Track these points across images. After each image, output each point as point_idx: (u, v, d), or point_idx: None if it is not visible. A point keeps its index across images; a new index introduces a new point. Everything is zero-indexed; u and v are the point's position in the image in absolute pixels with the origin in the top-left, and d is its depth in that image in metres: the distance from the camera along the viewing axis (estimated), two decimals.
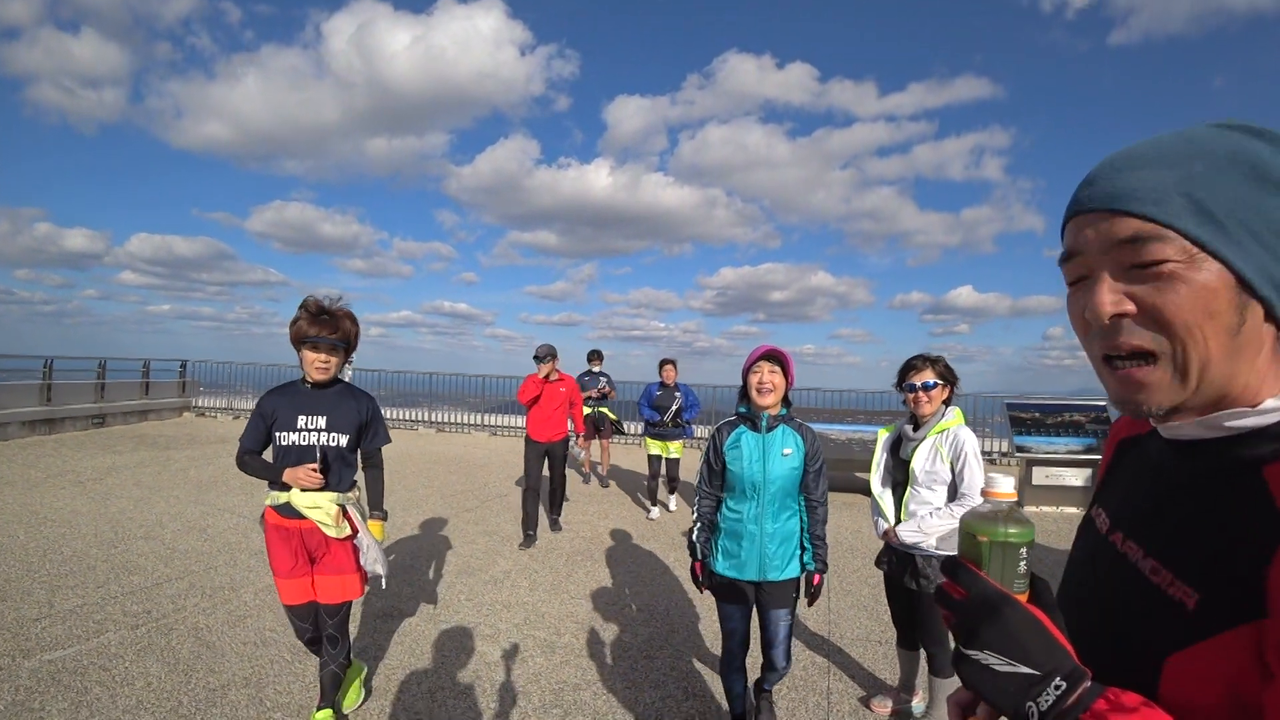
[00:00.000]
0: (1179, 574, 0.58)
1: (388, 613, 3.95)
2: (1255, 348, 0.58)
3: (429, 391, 14.10)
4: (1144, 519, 0.67)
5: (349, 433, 2.62)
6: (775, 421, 2.59)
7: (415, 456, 9.79)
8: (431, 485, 7.71)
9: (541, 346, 5.72)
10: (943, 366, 2.73)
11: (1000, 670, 0.59)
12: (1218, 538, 0.57)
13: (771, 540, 2.55)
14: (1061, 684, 0.56)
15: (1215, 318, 0.56)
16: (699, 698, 3.12)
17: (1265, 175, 0.56)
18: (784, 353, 2.57)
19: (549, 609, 4.12)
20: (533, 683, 3.19)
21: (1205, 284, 0.56)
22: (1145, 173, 0.59)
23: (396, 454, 9.89)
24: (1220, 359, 0.57)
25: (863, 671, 3.43)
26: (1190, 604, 0.56)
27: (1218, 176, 0.57)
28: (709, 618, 4.05)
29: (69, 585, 4.13)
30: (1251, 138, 0.58)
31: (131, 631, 3.53)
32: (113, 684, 2.99)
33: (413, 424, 13.47)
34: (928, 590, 2.68)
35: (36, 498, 6.30)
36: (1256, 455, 0.57)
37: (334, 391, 2.64)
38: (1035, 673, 0.57)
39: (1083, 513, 5.85)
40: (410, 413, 13.73)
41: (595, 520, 6.44)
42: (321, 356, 2.53)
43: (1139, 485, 0.71)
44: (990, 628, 0.61)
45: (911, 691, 3.04)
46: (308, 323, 2.50)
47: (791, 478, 2.56)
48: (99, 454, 8.82)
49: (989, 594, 0.62)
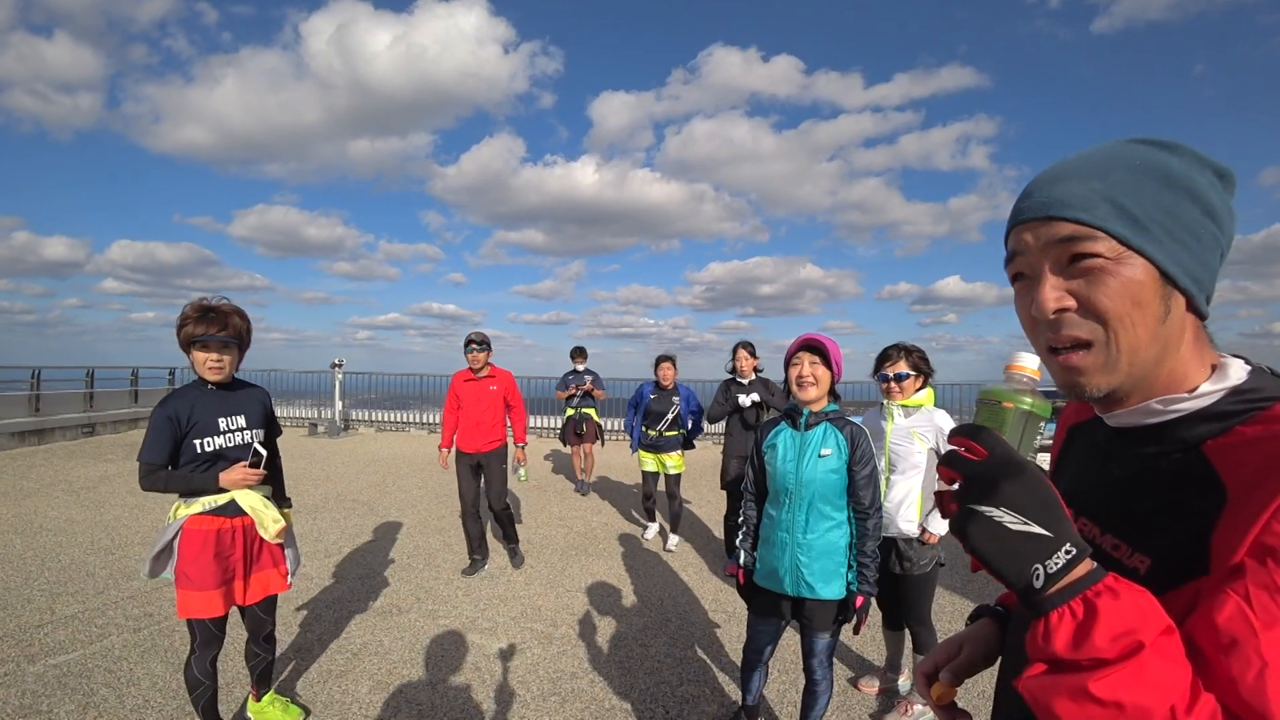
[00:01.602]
0: (1134, 546, 0.67)
1: (387, 610, 4.02)
2: (1179, 335, 0.67)
3: (419, 394, 14.11)
4: (1097, 500, 0.75)
5: (263, 427, 2.62)
6: (816, 418, 2.35)
7: (409, 458, 9.82)
8: (426, 486, 7.76)
9: (474, 333, 4.74)
10: (917, 358, 2.80)
11: (1013, 528, 0.60)
12: (1166, 511, 0.65)
13: (805, 552, 2.30)
14: (1072, 549, 0.58)
15: (1143, 307, 0.64)
16: (694, 683, 3.21)
17: (1175, 182, 0.65)
18: (825, 341, 2.34)
19: (545, 602, 4.21)
20: (531, 673, 3.28)
21: (1132, 277, 0.64)
22: (1074, 183, 0.67)
23: (391, 456, 9.93)
24: (1148, 344, 0.65)
25: (850, 653, 3.54)
26: (1142, 569, 0.65)
27: (1137, 184, 0.66)
28: (703, 605, 4.15)
29: (69, 591, 4.17)
30: (1161, 150, 0.67)
31: (134, 634, 3.58)
32: (119, 685, 3.05)
33: (404, 426, 13.49)
34: (911, 572, 2.79)
35: (31, 507, 6.31)
36: (1196, 435, 0.65)
37: (238, 389, 2.60)
38: (1048, 534, 0.58)
39: None
40: (402, 415, 13.75)
41: (589, 515, 6.52)
42: (214, 356, 2.44)
43: (1089, 468, 0.79)
44: (1012, 484, 0.61)
45: (898, 670, 3.15)
46: (194, 323, 2.40)
47: (829, 482, 2.29)
48: (91, 463, 8.80)
49: (1013, 455, 0.64)
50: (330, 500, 6.93)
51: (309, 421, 13.19)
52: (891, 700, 3.06)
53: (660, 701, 3.04)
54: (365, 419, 13.86)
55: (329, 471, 8.62)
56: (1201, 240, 0.65)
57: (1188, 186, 0.65)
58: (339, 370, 12.88)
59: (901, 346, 2.82)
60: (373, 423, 13.75)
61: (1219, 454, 0.63)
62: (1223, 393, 0.66)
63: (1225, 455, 0.62)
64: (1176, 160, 0.66)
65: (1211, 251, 0.66)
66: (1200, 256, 0.65)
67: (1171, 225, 0.64)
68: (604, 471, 8.77)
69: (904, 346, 2.82)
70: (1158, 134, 0.68)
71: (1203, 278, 0.66)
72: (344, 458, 9.82)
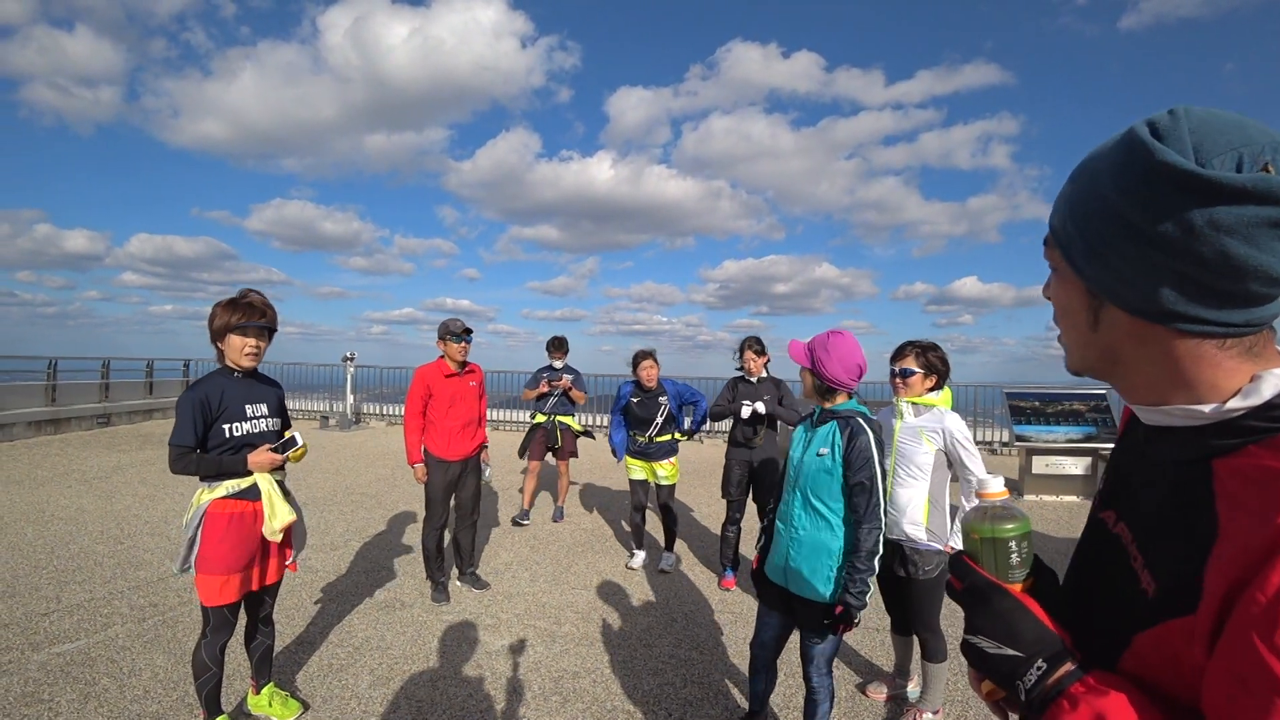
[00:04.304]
0: (1147, 562, 0.62)
1: (391, 604, 4.00)
2: (1136, 344, 0.62)
3: None
4: (1130, 502, 0.70)
5: (281, 416, 2.76)
6: (827, 416, 2.35)
7: None
8: None
9: (454, 321, 4.12)
10: (931, 356, 2.71)
11: (991, 652, 0.68)
12: (1174, 532, 0.60)
13: (795, 546, 2.32)
14: (1043, 665, 0.64)
15: (1069, 315, 0.68)
16: (697, 684, 3.16)
17: (1108, 202, 0.59)
18: (803, 346, 2.37)
19: (549, 599, 4.17)
20: (533, 671, 3.24)
21: (1061, 285, 0.68)
22: (1068, 184, 0.66)
23: (401, 451, 9.93)
24: (1082, 347, 0.68)
25: (859, 658, 3.46)
26: (1150, 592, 0.60)
27: (1087, 193, 0.62)
28: (709, 606, 4.09)
29: (77, 580, 4.19)
30: (1126, 152, 0.57)
31: (138, 624, 3.58)
32: (120, 675, 3.05)
33: None
34: (916, 577, 2.71)
35: (44, 496, 6.37)
36: (1208, 449, 0.59)
37: (260, 380, 2.71)
38: (1020, 655, 0.66)
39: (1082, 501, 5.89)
40: None
41: (595, 512, 6.48)
42: (251, 342, 2.56)
43: (1128, 463, 0.74)
44: (981, 614, 0.70)
45: (906, 676, 3.07)
46: (236, 311, 2.53)
47: (819, 480, 2.29)
48: (104, 453, 8.89)
49: (979, 584, 0.72)
50: (339, 493, 6.94)
51: (320, 414, 13.26)
52: (900, 707, 2.98)
53: (663, 703, 2.98)
54: (376, 413, 13.92)
55: (338, 465, 8.65)
56: (1133, 262, 0.58)
57: (1120, 212, 0.58)
58: (351, 364, 12.94)
59: (916, 344, 2.74)
60: (384, 416, 13.80)
61: (1224, 477, 0.57)
62: (1250, 406, 0.57)
63: (1229, 480, 0.56)
64: (1130, 170, 0.57)
65: (1152, 273, 0.57)
66: (1129, 278, 0.59)
67: (1096, 243, 0.61)
68: (607, 464, 8.72)
69: (918, 344, 2.74)
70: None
71: (1135, 297, 0.60)
72: (354, 451, 9.85)
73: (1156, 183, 0.54)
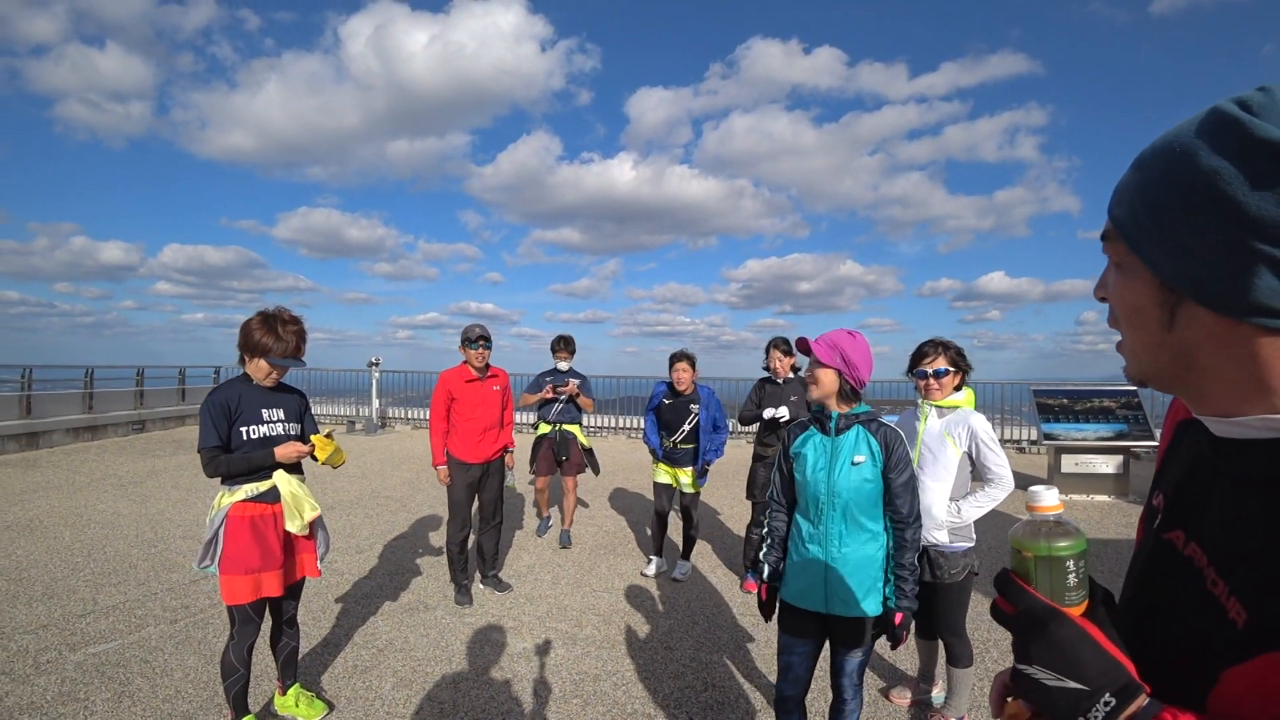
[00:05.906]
0: (1233, 589, 0.56)
1: (414, 606, 4.05)
2: (1217, 347, 0.56)
3: None
4: (1202, 521, 0.64)
5: (299, 422, 2.83)
6: (848, 422, 2.17)
7: None
8: None
9: (472, 328, 4.22)
10: (954, 353, 2.68)
11: (1050, 685, 0.60)
12: (1263, 555, 0.54)
13: (840, 566, 2.12)
14: (1111, 700, 0.56)
15: (1140, 313, 0.61)
16: (718, 688, 3.14)
17: (1193, 182, 0.54)
18: (820, 342, 2.19)
19: (571, 602, 4.18)
20: (554, 674, 3.25)
21: (1130, 282, 0.61)
22: (1130, 172, 0.62)
23: (425, 454, 10.05)
24: (1152, 350, 0.61)
25: (882, 662, 3.42)
26: (1240, 622, 0.54)
27: (1161, 179, 0.56)
28: (731, 609, 4.07)
29: (112, 583, 4.31)
30: (1213, 132, 0.54)
31: (171, 626, 3.67)
32: (153, 675, 3.13)
33: None
34: (942, 580, 2.67)
35: (81, 501, 6.57)
36: None
37: (280, 390, 2.80)
38: (1085, 688, 0.58)
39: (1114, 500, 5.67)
40: None
41: (617, 514, 6.49)
42: (275, 374, 2.70)
43: (1194, 477, 0.68)
44: (1038, 643, 0.62)
45: (931, 681, 3.03)
46: (267, 334, 2.61)
47: (864, 491, 2.12)
48: (139, 458, 9.13)
49: (1035, 609, 0.63)
50: (364, 497, 7.04)
51: (347, 419, 13.47)
52: (924, 713, 2.94)
53: (684, 707, 2.97)
54: (402, 416, 14.10)
55: (364, 468, 8.77)
56: (1223, 249, 0.53)
57: (1211, 196, 0.52)
58: (376, 369, 13.12)
59: (938, 342, 2.70)
60: (409, 420, 13.97)
61: None
62: None
63: None
64: (1223, 148, 0.52)
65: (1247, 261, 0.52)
66: (1218, 268, 0.53)
67: (1178, 232, 0.55)
68: (631, 466, 8.72)
69: (940, 342, 2.70)
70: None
71: (1225, 290, 0.54)
72: (379, 455, 9.98)
73: (1255, 160, 0.50)
